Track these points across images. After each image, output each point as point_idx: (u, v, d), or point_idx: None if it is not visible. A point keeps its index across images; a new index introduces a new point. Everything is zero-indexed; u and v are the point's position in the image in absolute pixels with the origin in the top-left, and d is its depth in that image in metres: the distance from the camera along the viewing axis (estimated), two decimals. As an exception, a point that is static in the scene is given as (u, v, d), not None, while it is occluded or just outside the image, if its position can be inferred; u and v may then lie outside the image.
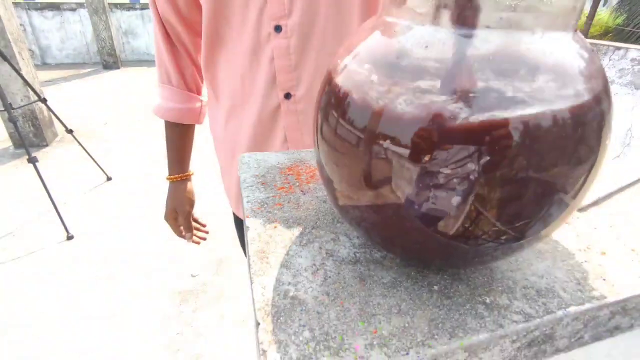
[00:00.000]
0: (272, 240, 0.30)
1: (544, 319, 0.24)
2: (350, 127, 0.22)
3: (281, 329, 0.22)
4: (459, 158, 0.20)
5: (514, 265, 0.29)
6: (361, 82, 0.22)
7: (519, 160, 0.20)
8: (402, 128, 0.21)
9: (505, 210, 0.21)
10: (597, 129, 0.22)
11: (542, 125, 0.20)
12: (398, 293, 0.26)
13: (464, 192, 0.21)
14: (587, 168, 0.22)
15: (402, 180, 0.21)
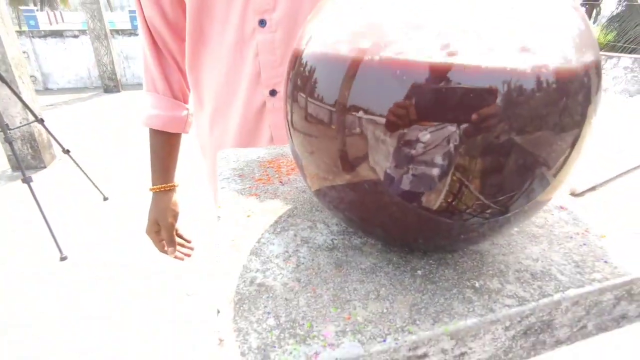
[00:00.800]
0: (244, 229, 0.28)
1: (540, 303, 0.22)
2: (320, 103, 0.21)
3: (243, 317, 0.20)
4: (439, 120, 0.18)
5: (506, 249, 0.26)
6: (326, 52, 0.21)
7: (501, 123, 0.18)
8: (375, 93, 0.19)
9: (488, 181, 0.19)
10: (582, 101, 0.20)
11: (526, 86, 0.18)
12: (377, 278, 0.23)
13: (445, 162, 0.19)
14: (570, 141, 0.20)
15: (378, 153, 0.19)
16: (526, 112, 0.18)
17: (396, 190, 0.20)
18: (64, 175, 3.00)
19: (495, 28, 0.18)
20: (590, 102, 0.20)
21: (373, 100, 0.19)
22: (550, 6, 0.20)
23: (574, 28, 0.20)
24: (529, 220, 0.30)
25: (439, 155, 0.19)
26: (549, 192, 0.22)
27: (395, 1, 0.19)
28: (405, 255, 0.25)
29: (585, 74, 0.20)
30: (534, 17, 0.19)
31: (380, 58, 0.18)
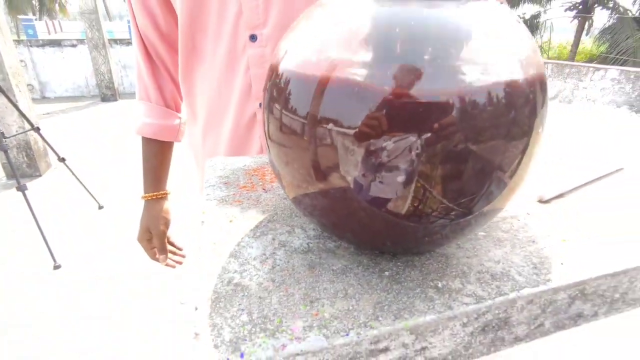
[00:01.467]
0: (225, 234, 0.30)
1: (496, 301, 0.23)
2: (294, 116, 0.22)
3: (218, 313, 0.21)
4: (403, 133, 0.20)
5: (471, 253, 0.28)
6: (300, 65, 0.23)
7: (456, 134, 0.20)
8: (343, 108, 0.21)
9: (448, 186, 0.21)
10: (529, 113, 0.22)
11: (477, 101, 0.20)
12: (347, 279, 0.25)
13: (408, 170, 0.21)
14: (520, 149, 0.22)
15: (347, 163, 0.21)
16: (479, 124, 0.20)
17: (364, 197, 0.22)
18: (59, 184, 3.00)
19: (450, 48, 0.20)
20: (536, 114, 0.22)
21: (341, 114, 0.21)
22: (498, 28, 0.22)
23: (521, 49, 0.22)
24: (495, 225, 0.32)
25: (402, 164, 0.20)
26: (504, 196, 0.24)
27: (361, 25, 0.22)
28: (375, 258, 0.27)
29: (531, 89, 0.22)
30: (484, 39, 0.21)
31: (347, 77, 0.20)
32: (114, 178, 3.15)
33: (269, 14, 0.50)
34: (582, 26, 12.59)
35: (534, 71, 0.22)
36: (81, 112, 5.43)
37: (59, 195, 2.80)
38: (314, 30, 0.23)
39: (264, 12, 0.50)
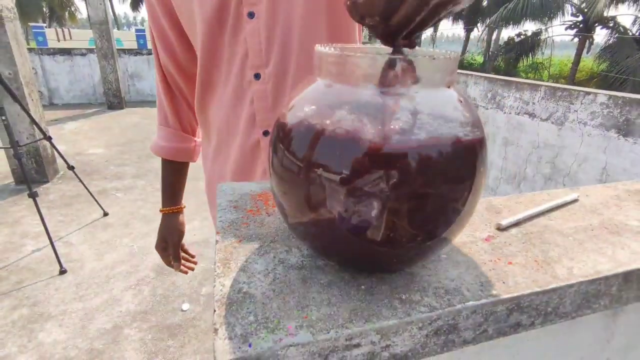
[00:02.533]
0: (235, 251, 0.37)
1: (445, 310, 0.30)
2: (293, 159, 0.30)
3: (232, 315, 0.28)
4: (376, 179, 0.27)
5: (432, 272, 0.35)
6: (300, 123, 0.30)
7: (417, 179, 0.27)
8: (330, 157, 0.28)
9: (412, 218, 0.28)
10: (472, 165, 0.29)
11: (433, 156, 0.27)
12: (331, 291, 0.32)
13: (380, 207, 0.27)
14: (467, 188, 0.29)
15: (333, 199, 0.28)
16: (433, 172, 0.27)
17: (346, 227, 0.29)
18: (66, 190, 3.08)
19: (411, 119, 0.27)
20: (476, 164, 0.29)
21: (329, 163, 0.28)
22: (447, 105, 0.29)
23: (464, 116, 0.29)
24: (457, 249, 0.39)
25: (375, 202, 0.27)
26: (458, 226, 0.31)
27: (347, 100, 0.29)
28: (355, 274, 0.34)
29: (471, 145, 0.29)
30: (436, 110, 0.29)
31: (334, 135, 0.27)
32: (118, 186, 3.22)
33: (270, 56, 0.58)
34: (583, 44, 12.80)
35: (474, 133, 0.29)
36: (88, 119, 5.55)
37: (66, 202, 2.88)
38: (311, 100, 0.31)
39: (266, 55, 0.58)
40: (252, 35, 0.57)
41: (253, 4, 0.57)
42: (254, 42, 0.57)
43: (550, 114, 2.16)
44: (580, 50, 12.27)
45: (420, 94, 0.28)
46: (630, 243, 0.41)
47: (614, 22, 11.91)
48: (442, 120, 0.28)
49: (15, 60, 2.87)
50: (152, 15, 0.65)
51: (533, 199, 0.52)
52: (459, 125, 0.29)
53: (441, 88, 0.30)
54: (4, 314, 1.73)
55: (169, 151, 0.74)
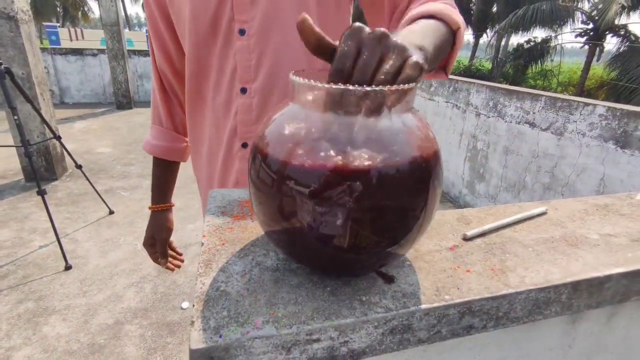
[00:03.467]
0: (218, 253, 0.40)
1: (400, 312, 0.34)
2: (268, 173, 0.33)
3: (208, 309, 0.32)
4: (339, 194, 0.31)
5: (394, 277, 0.39)
6: (275, 142, 0.34)
7: (377, 194, 0.30)
8: (301, 174, 0.31)
9: (373, 228, 0.32)
10: (426, 179, 0.32)
11: (389, 173, 0.31)
12: (299, 291, 0.35)
13: (343, 218, 0.31)
14: (423, 203, 0.33)
15: (302, 211, 0.32)
16: (391, 187, 0.31)
17: (314, 235, 0.32)
18: (74, 188, 3.15)
19: (371, 141, 0.31)
20: (430, 180, 0.33)
21: (299, 178, 0.32)
22: (403, 127, 0.33)
23: (420, 139, 0.33)
24: (421, 256, 0.42)
25: (340, 214, 0.31)
26: (415, 235, 0.34)
27: (317, 120, 0.32)
28: (323, 277, 0.38)
29: (426, 164, 0.32)
30: (393, 133, 0.32)
31: (305, 156, 0.31)
32: (124, 185, 3.29)
33: (259, 73, 0.62)
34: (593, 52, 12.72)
35: (428, 152, 0.33)
36: (97, 118, 5.66)
37: (73, 199, 2.95)
38: (284, 122, 0.34)
39: (254, 71, 0.62)
40: (242, 52, 0.61)
41: (244, 22, 0.60)
42: (243, 59, 0.61)
43: (550, 123, 2.18)
44: (590, 58, 12.19)
45: (381, 121, 0.32)
46: (585, 255, 0.45)
47: (625, 31, 11.81)
48: (399, 142, 0.32)
49: (28, 61, 2.96)
50: (150, 17, 0.69)
51: (504, 211, 0.55)
52: (415, 146, 0.32)
53: (401, 114, 0.33)
54: (10, 307, 1.79)
55: (161, 150, 0.78)
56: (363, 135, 0.31)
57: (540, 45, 13.61)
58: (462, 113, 3.03)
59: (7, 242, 2.32)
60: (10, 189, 3.08)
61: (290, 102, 0.35)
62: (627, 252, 0.46)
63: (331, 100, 0.31)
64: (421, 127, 0.34)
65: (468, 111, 2.95)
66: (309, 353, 0.32)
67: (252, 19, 0.60)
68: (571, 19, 12.30)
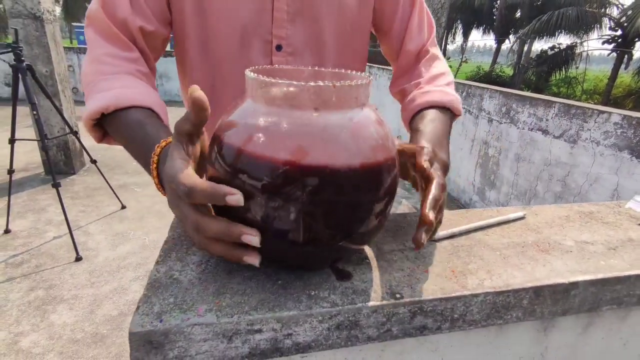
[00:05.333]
0: (180, 243, 0.41)
1: (345, 307, 0.34)
2: (224, 167, 0.33)
3: (156, 295, 0.33)
4: (291, 189, 0.31)
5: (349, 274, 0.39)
6: (230, 139, 0.34)
7: (330, 189, 0.31)
8: (254, 169, 0.32)
9: (324, 222, 0.32)
10: (377, 177, 0.32)
11: (340, 169, 0.31)
12: (250, 283, 0.36)
13: (295, 212, 0.31)
14: (374, 200, 0.33)
15: (255, 204, 0.32)
16: (347, 183, 0.31)
17: (268, 228, 0.33)
18: (90, 182, 3.25)
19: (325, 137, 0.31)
20: (382, 179, 0.33)
21: (251, 172, 0.32)
22: (357, 122, 0.33)
23: (374, 134, 0.33)
24: (382, 255, 0.42)
25: (291, 208, 0.31)
26: (365, 231, 0.34)
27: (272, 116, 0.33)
28: (278, 271, 0.38)
29: (379, 161, 0.32)
30: (346, 129, 0.32)
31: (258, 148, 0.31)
32: (138, 181, 3.37)
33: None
34: (621, 60, 12.28)
35: (381, 148, 0.33)
36: (118, 116, 5.83)
37: (88, 193, 3.05)
38: (241, 118, 0.35)
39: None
40: None
41: (282, 38, 0.59)
42: None
43: (563, 131, 2.12)
44: (617, 66, 11.78)
45: (334, 115, 0.32)
46: (554, 261, 0.43)
47: (656, 38, 11.38)
48: (352, 137, 0.32)
49: (52, 59, 3.08)
50: None
51: (481, 215, 0.54)
52: (368, 140, 0.32)
53: (354, 109, 0.33)
54: (22, 295, 1.86)
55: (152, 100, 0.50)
56: (316, 130, 0.31)
57: (565, 52, 13.24)
58: (474, 119, 2.98)
59: (24, 232, 2.41)
60: (31, 181, 3.21)
61: (249, 99, 0.36)
62: (600, 260, 0.44)
63: (286, 96, 0.31)
64: (375, 123, 0.34)
65: (480, 117, 2.90)
66: (251, 343, 0.32)
67: (290, 36, 0.60)
68: (598, 25, 11.94)
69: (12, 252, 2.20)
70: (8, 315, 1.72)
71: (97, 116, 0.49)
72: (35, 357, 1.51)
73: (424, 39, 0.69)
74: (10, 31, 2.27)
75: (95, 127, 0.52)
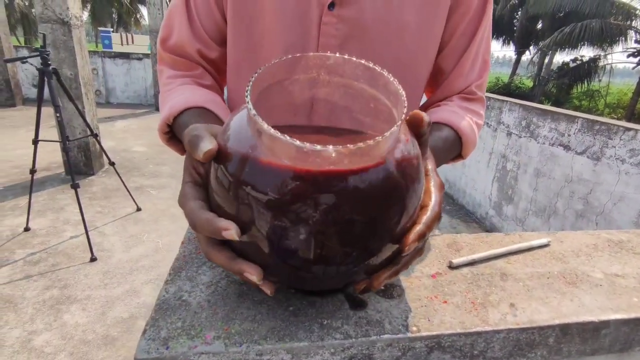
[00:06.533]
0: (191, 261, 0.41)
1: (359, 340, 0.32)
2: (226, 174, 0.31)
3: (163, 318, 0.32)
4: (302, 205, 0.29)
5: (364, 301, 0.37)
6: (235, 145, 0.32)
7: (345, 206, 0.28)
8: (261, 182, 0.29)
9: (337, 242, 0.29)
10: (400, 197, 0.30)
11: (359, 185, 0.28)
12: (260, 308, 0.35)
13: (305, 230, 0.29)
14: (392, 224, 0.31)
15: (261, 220, 0.30)
16: (357, 203, 0.29)
17: (275, 248, 0.31)
18: (108, 184, 3.32)
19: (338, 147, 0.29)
20: (400, 194, 0.30)
21: (258, 186, 0.30)
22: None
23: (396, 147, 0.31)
24: (397, 281, 0.40)
25: (301, 227, 0.29)
26: (383, 252, 0.32)
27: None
28: (289, 295, 0.37)
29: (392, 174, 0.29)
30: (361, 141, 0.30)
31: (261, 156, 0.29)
32: (154, 184, 3.42)
33: None
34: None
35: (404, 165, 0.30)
36: (137, 118, 5.96)
37: (106, 194, 3.10)
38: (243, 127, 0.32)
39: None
40: None
41: None
42: None
43: (586, 147, 2.05)
44: (642, 80, 11.44)
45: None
46: (582, 295, 0.41)
47: (684, 51, 11.02)
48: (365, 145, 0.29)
49: (77, 63, 3.17)
50: None
51: (502, 239, 0.52)
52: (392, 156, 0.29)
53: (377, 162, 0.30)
54: (37, 293, 1.89)
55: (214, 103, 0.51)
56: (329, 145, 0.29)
57: (588, 64, 12.94)
58: (492, 131, 2.93)
59: (43, 231, 2.47)
60: (52, 180, 3.29)
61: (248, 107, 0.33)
62: (633, 297, 0.41)
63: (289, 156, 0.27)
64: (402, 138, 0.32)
65: (499, 130, 2.84)
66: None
67: None
68: (623, 38, 11.64)
69: (30, 250, 2.26)
70: (24, 313, 1.75)
71: (166, 130, 0.51)
72: (47, 356, 1.53)
73: (473, 78, 0.59)
74: (39, 35, 2.35)
75: (172, 141, 0.54)
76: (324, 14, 0.49)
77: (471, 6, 0.53)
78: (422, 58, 0.54)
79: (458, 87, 0.59)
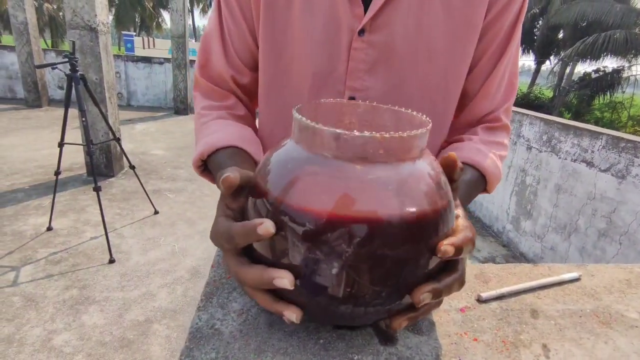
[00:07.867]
0: (222, 287, 0.41)
1: (390, 378, 0.32)
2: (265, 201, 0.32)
3: (198, 348, 0.33)
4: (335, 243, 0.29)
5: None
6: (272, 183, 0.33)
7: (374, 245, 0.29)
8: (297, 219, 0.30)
9: (368, 280, 0.29)
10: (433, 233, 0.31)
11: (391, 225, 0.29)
12: (291, 340, 0.35)
13: (338, 266, 0.30)
14: (426, 260, 0.31)
15: (294, 252, 0.31)
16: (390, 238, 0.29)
17: (305, 282, 0.32)
18: (127, 186, 3.39)
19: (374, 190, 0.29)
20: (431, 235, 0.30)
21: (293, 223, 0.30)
22: (409, 176, 0.31)
23: (426, 188, 0.31)
24: (427, 317, 0.40)
25: (334, 262, 0.30)
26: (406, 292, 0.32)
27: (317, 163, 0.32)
28: (319, 328, 0.37)
29: (435, 213, 0.30)
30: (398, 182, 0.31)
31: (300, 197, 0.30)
32: (171, 187, 3.48)
33: None
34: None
35: (434, 204, 0.31)
36: (156, 121, 6.09)
37: (125, 197, 3.17)
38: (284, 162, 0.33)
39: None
40: None
41: (357, 90, 0.52)
42: None
43: (610, 165, 2.00)
44: (668, 93, 11.07)
45: (386, 167, 0.30)
46: (617, 338, 0.40)
47: None
48: (403, 192, 0.30)
49: (102, 68, 3.27)
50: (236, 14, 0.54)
51: (530, 271, 0.51)
52: (420, 196, 0.30)
53: (407, 162, 0.31)
54: (58, 292, 1.94)
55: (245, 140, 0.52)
56: (368, 180, 0.30)
57: (611, 75, 12.63)
58: (512, 145, 2.88)
59: (64, 231, 2.54)
60: (74, 181, 3.39)
61: (292, 140, 0.35)
62: (671, 341, 0.40)
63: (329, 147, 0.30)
64: (434, 175, 0.32)
65: (519, 143, 2.80)
66: (291, 409, 0.31)
67: (367, 88, 0.52)
68: (649, 49, 11.32)
69: (52, 249, 2.32)
70: (44, 312, 1.80)
71: (199, 164, 0.53)
72: (66, 356, 1.56)
73: (499, 101, 0.58)
74: (66, 39, 2.42)
75: (205, 172, 0.55)
76: (354, 40, 0.49)
77: (502, 28, 0.53)
78: (451, 80, 0.54)
79: (484, 110, 0.58)
